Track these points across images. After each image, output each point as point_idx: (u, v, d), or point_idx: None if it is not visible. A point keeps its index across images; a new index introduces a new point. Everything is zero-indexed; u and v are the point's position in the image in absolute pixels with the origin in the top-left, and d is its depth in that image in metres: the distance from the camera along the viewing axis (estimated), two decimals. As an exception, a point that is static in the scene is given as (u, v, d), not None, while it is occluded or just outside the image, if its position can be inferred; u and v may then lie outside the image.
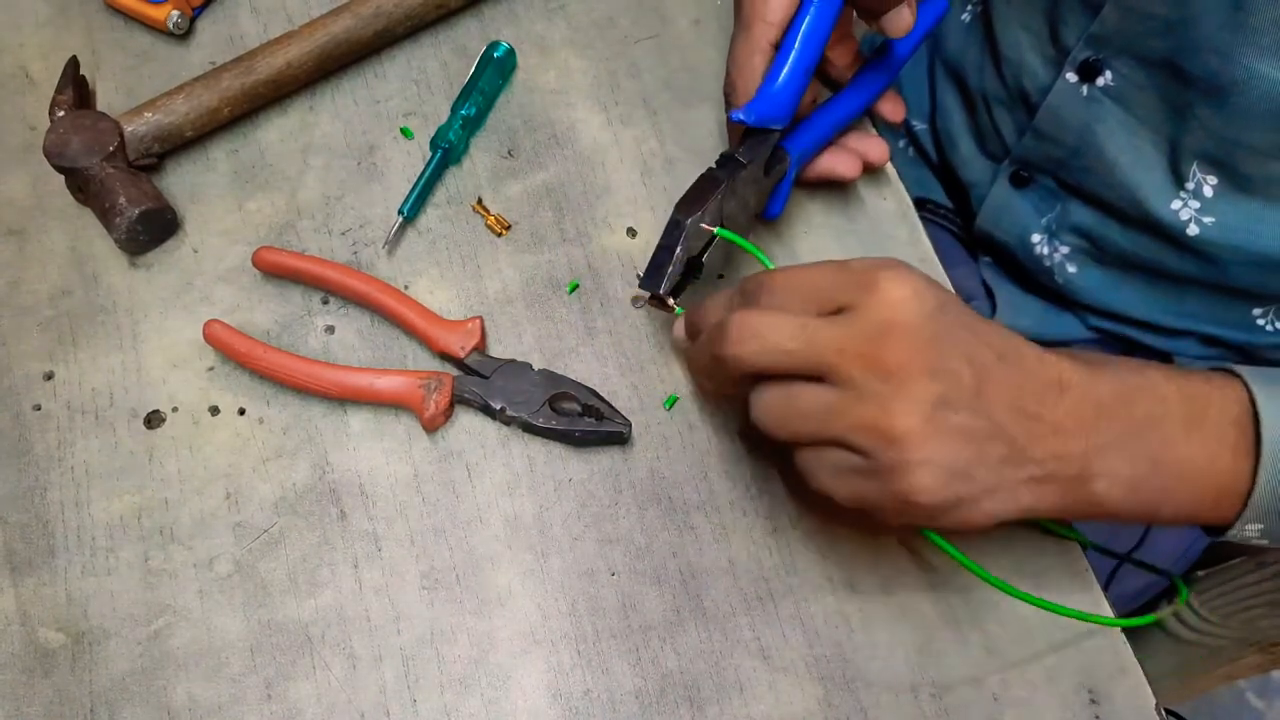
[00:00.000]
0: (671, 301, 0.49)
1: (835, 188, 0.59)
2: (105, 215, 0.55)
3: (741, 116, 0.49)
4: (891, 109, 0.59)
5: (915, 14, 0.51)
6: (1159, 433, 0.43)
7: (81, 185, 0.56)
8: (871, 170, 0.59)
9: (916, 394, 0.38)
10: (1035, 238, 0.71)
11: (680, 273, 0.48)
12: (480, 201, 0.58)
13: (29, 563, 0.50)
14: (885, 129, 0.82)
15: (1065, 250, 0.69)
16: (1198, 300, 0.67)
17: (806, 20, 0.49)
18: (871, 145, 0.57)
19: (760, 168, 0.51)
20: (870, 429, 0.39)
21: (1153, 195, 0.61)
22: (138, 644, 0.49)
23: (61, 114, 0.56)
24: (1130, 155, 0.62)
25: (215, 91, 0.57)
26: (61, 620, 0.49)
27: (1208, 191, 0.59)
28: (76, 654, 0.48)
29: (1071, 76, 0.63)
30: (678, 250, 0.47)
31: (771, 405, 0.42)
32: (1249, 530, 0.44)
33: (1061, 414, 0.42)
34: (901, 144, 0.83)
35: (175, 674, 0.48)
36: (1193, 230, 0.61)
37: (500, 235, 0.57)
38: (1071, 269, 0.70)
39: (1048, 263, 0.71)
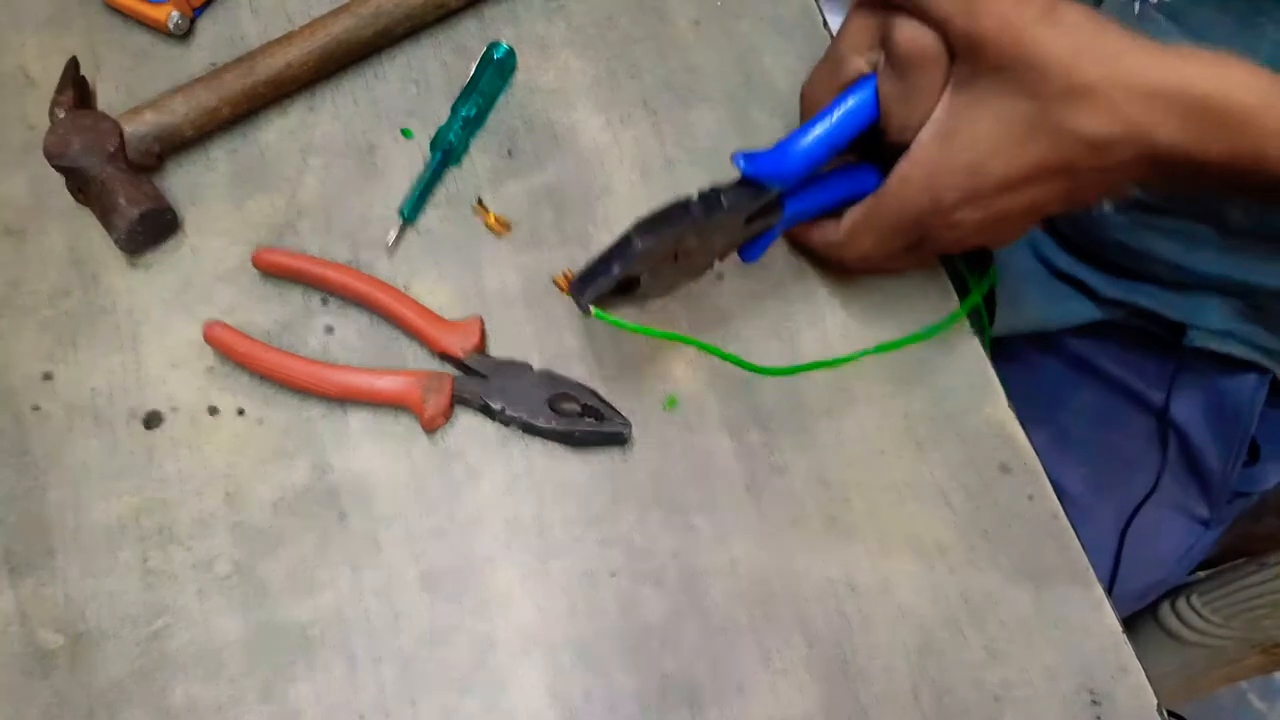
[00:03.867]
0: (593, 309, 0.47)
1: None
2: (105, 215, 0.55)
3: (741, 165, 0.47)
4: None
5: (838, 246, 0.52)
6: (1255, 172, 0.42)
7: (81, 185, 0.56)
8: None
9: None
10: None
11: (611, 287, 0.46)
12: (480, 202, 0.58)
13: (28, 563, 0.50)
14: None
15: None
16: (1242, 243, 0.62)
17: (851, 99, 0.47)
18: None
19: (741, 216, 0.48)
20: None
21: None
22: (136, 645, 0.49)
23: (61, 114, 0.56)
24: None
25: (215, 92, 0.57)
26: (60, 621, 0.49)
27: None
28: (75, 655, 0.48)
29: None
30: (615, 269, 0.46)
31: None
32: None
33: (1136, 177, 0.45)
34: None
35: (174, 675, 0.48)
36: None
37: (500, 236, 0.57)
38: (1106, 207, 0.65)
39: None
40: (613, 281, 0.46)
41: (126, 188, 0.54)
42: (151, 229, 0.56)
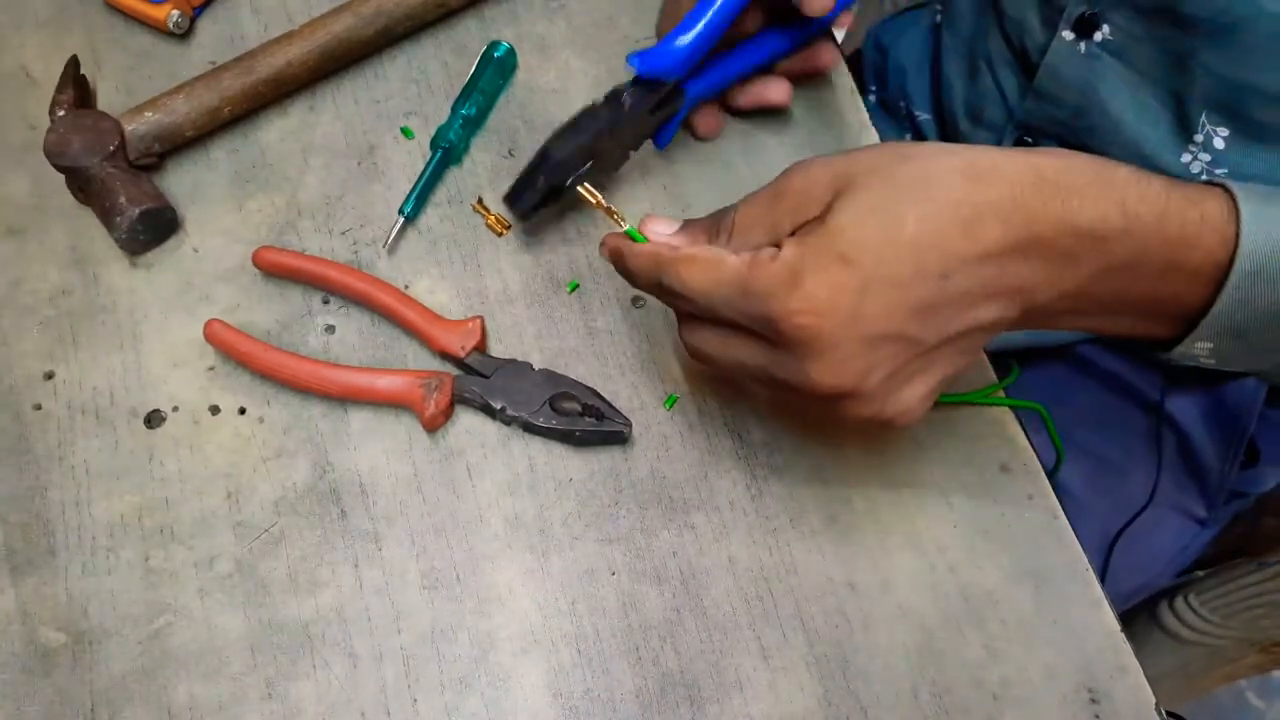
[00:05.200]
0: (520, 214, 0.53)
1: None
2: (106, 215, 0.55)
3: (636, 64, 0.51)
4: (823, 56, 0.58)
5: None
6: (1130, 274, 0.40)
7: (82, 185, 0.56)
8: (821, 74, 0.60)
9: (852, 406, 0.41)
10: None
11: (540, 198, 0.52)
12: (480, 201, 0.58)
13: (29, 562, 0.50)
14: (888, 126, 0.82)
15: None
16: None
17: None
18: (818, 53, 0.58)
19: (646, 110, 0.53)
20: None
21: (1160, 150, 0.59)
22: (138, 643, 0.49)
23: (62, 113, 0.56)
24: (1134, 111, 0.60)
25: (216, 91, 0.57)
26: (62, 620, 0.49)
27: (1219, 144, 0.57)
28: (77, 653, 0.48)
29: (1068, 34, 0.61)
30: (540, 181, 0.52)
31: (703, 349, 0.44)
32: (1198, 348, 0.42)
33: (1022, 279, 0.39)
34: (908, 138, 0.82)
35: (176, 673, 0.48)
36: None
37: (500, 235, 0.57)
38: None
39: None
40: (539, 194, 0.52)
41: (127, 187, 0.54)
42: (152, 228, 0.56)
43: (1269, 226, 0.39)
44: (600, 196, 0.49)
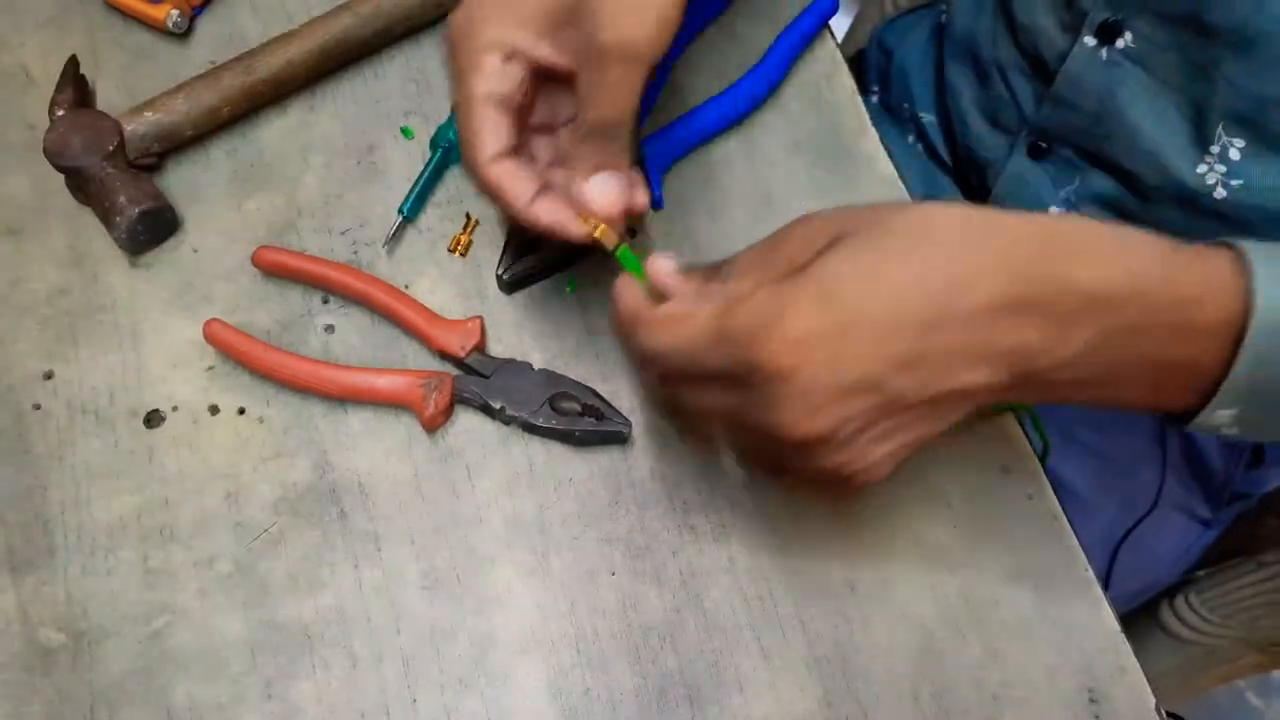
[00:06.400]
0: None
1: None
2: (105, 214, 0.55)
3: None
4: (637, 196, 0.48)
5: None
6: (1136, 337, 0.38)
7: (81, 185, 0.56)
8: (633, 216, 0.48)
9: (819, 454, 0.39)
10: (1053, 211, 0.69)
11: (514, 257, 0.55)
12: (469, 217, 0.58)
13: (29, 562, 0.50)
14: (891, 128, 0.82)
15: None
16: None
17: None
18: (634, 193, 0.48)
19: None
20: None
21: (1176, 159, 0.59)
22: (138, 643, 0.49)
23: (61, 113, 0.56)
24: (1152, 119, 0.60)
25: (215, 91, 0.57)
26: (61, 619, 0.49)
27: (1235, 154, 0.57)
28: (76, 653, 0.48)
29: (1090, 40, 0.61)
30: (510, 239, 0.56)
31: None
32: (1219, 416, 0.40)
33: (1016, 342, 0.37)
34: (910, 139, 0.82)
35: (175, 673, 0.48)
36: (1219, 194, 0.58)
37: (455, 255, 0.57)
38: None
39: None
40: (516, 257, 0.55)
41: (126, 187, 0.54)
42: (151, 228, 0.56)
43: None
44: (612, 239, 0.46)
